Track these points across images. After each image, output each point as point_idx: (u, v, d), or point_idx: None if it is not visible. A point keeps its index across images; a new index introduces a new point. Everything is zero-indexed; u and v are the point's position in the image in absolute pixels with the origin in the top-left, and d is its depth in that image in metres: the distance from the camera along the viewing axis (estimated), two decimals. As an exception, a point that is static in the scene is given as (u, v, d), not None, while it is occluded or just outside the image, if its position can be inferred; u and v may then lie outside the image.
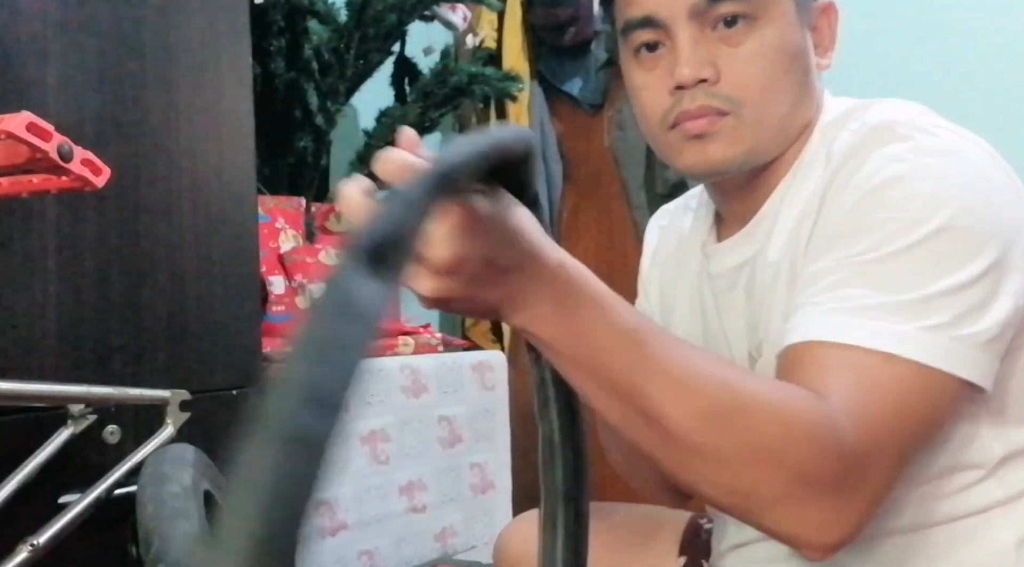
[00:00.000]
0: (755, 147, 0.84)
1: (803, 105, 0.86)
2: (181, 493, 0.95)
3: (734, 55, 0.83)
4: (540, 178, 2.78)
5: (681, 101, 0.83)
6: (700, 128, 0.83)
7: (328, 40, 2.09)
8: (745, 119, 0.83)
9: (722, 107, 0.83)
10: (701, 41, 0.83)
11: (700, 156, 0.85)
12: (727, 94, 0.83)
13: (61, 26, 1.35)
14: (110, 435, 1.31)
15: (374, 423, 1.78)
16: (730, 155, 0.84)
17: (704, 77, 0.82)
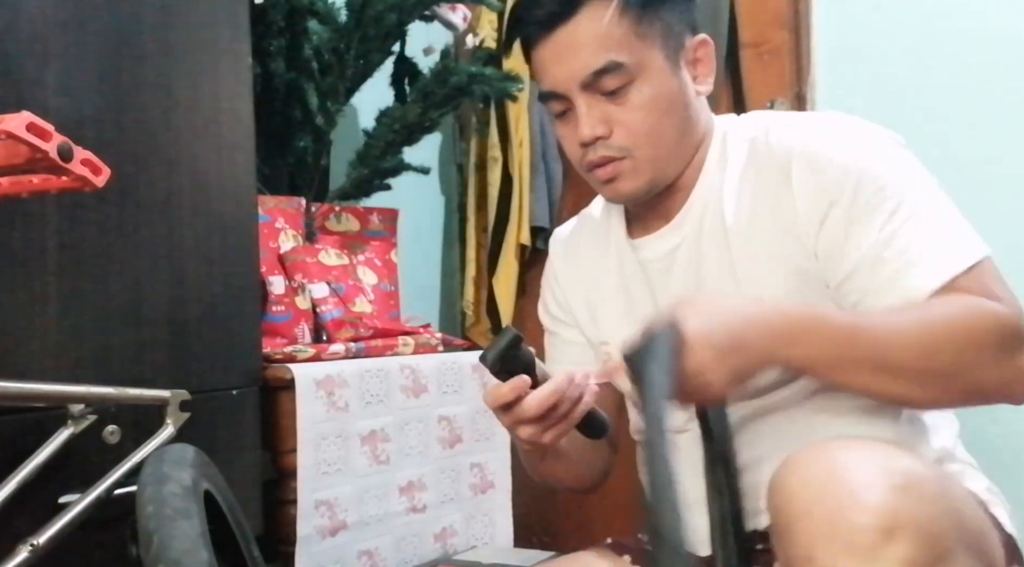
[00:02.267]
0: (654, 176, 1.08)
1: (689, 132, 1.09)
2: (181, 493, 0.95)
3: (621, 112, 1.05)
4: (540, 178, 2.79)
5: (587, 154, 1.08)
6: (607, 174, 1.08)
7: (328, 40, 2.09)
8: (640, 159, 1.06)
9: (617, 155, 1.06)
10: (594, 105, 1.05)
11: (614, 192, 1.10)
12: (620, 145, 1.06)
13: (61, 26, 1.35)
14: (110, 435, 1.31)
15: (374, 423, 1.78)
16: (635, 187, 1.08)
17: (599, 134, 1.06)
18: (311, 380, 1.67)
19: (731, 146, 1.10)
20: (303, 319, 1.86)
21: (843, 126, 1.05)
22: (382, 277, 2.13)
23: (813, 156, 1.01)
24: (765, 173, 1.05)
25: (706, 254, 1.08)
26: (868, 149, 1.01)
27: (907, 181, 0.99)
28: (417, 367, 1.87)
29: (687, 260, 1.10)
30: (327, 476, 1.68)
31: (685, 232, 1.11)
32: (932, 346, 0.91)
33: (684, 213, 1.11)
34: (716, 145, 1.11)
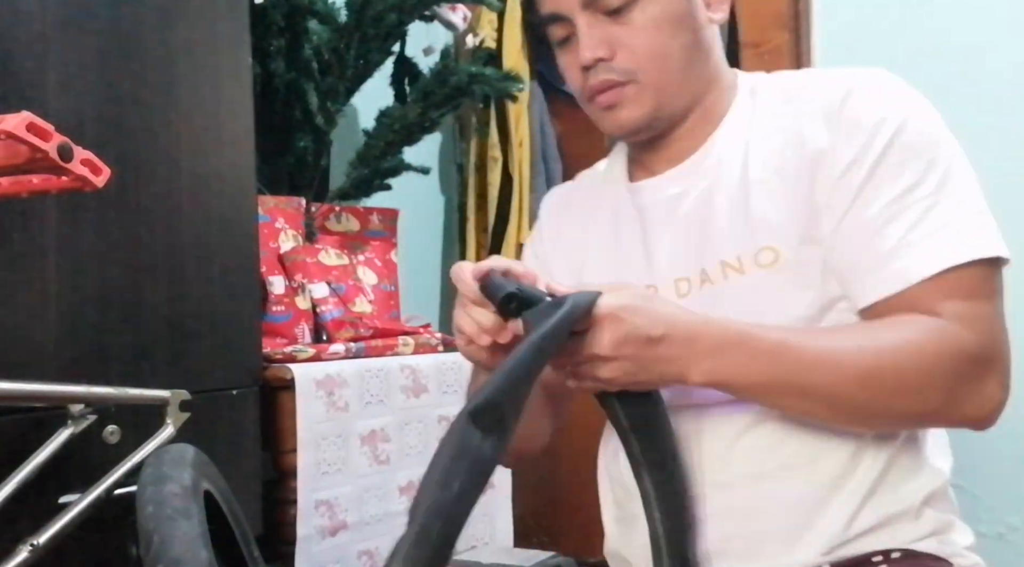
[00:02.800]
0: (659, 104, 1.00)
1: (698, 61, 1.01)
2: (181, 493, 0.95)
3: (624, 31, 0.98)
4: (541, 179, 2.79)
5: (588, 78, 1.01)
6: (608, 100, 1.01)
7: (328, 40, 2.09)
8: (644, 83, 0.99)
9: (620, 78, 0.99)
10: (595, 26, 0.98)
11: (614, 122, 1.02)
12: (623, 67, 0.99)
13: (61, 26, 1.35)
14: (110, 435, 1.31)
15: (374, 423, 1.78)
16: (638, 115, 1.01)
17: (600, 56, 0.99)
18: (311, 380, 1.67)
19: (762, 98, 1.02)
20: (303, 319, 1.86)
21: (894, 85, 0.97)
22: (382, 277, 2.13)
23: (856, 107, 0.94)
24: (800, 114, 0.97)
25: (718, 205, 0.99)
26: (914, 115, 0.93)
27: (938, 161, 0.92)
28: (417, 367, 1.87)
29: (693, 208, 1.01)
30: (327, 476, 1.68)
31: (696, 180, 1.02)
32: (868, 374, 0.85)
33: (698, 159, 1.02)
34: (743, 96, 1.03)
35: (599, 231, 1.10)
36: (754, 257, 0.95)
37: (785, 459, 0.93)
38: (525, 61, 2.77)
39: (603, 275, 1.05)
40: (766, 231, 0.95)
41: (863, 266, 0.91)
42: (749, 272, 0.95)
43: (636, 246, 1.05)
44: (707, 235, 0.98)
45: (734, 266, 0.96)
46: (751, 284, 0.94)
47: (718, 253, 0.97)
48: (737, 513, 0.94)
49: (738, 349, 0.85)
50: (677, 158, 1.04)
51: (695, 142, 1.03)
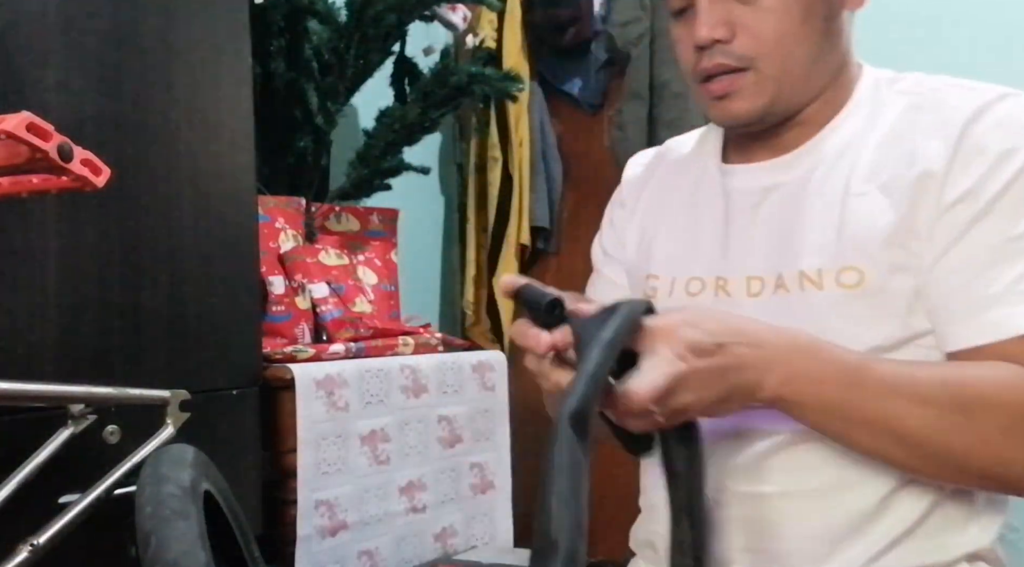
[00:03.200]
0: (777, 98, 0.91)
1: (826, 53, 0.91)
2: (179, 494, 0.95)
3: (748, 13, 0.88)
4: (540, 178, 2.79)
5: (701, 59, 0.91)
6: (722, 89, 0.91)
7: (328, 40, 2.09)
8: (764, 73, 0.89)
9: (737, 64, 0.89)
10: (717, 2, 0.89)
11: (724, 112, 0.93)
12: (741, 52, 0.89)
13: (61, 26, 1.35)
14: (110, 435, 1.31)
15: (374, 423, 1.78)
16: (752, 108, 0.91)
17: (717, 37, 0.89)
18: (311, 380, 1.67)
19: (883, 100, 0.92)
20: (303, 319, 1.86)
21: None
22: (382, 277, 2.13)
23: (982, 133, 0.84)
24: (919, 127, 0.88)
25: (811, 209, 0.90)
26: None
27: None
28: (417, 367, 1.87)
29: (784, 206, 0.92)
30: (327, 476, 1.68)
31: (794, 175, 0.93)
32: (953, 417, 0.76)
33: (801, 154, 0.93)
34: (864, 94, 0.93)
35: (676, 206, 1.02)
36: (836, 275, 0.87)
37: (816, 484, 0.87)
38: (525, 61, 2.77)
39: (672, 255, 1.00)
40: (855, 250, 0.86)
41: (960, 309, 0.83)
42: (828, 289, 0.87)
43: (714, 232, 0.96)
44: (792, 239, 0.90)
45: (813, 279, 0.88)
46: (827, 303, 0.87)
47: (799, 261, 0.89)
48: (755, 528, 0.89)
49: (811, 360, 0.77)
50: (779, 149, 0.95)
51: (803, 135, 0.94)
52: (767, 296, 0.90)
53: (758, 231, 0.93)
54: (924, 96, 0.91)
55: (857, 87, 0.94)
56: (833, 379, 0.77)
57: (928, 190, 0.85)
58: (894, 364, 0.81)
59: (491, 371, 2.03)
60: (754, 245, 0.93)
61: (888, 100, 0.92)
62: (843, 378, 0.77)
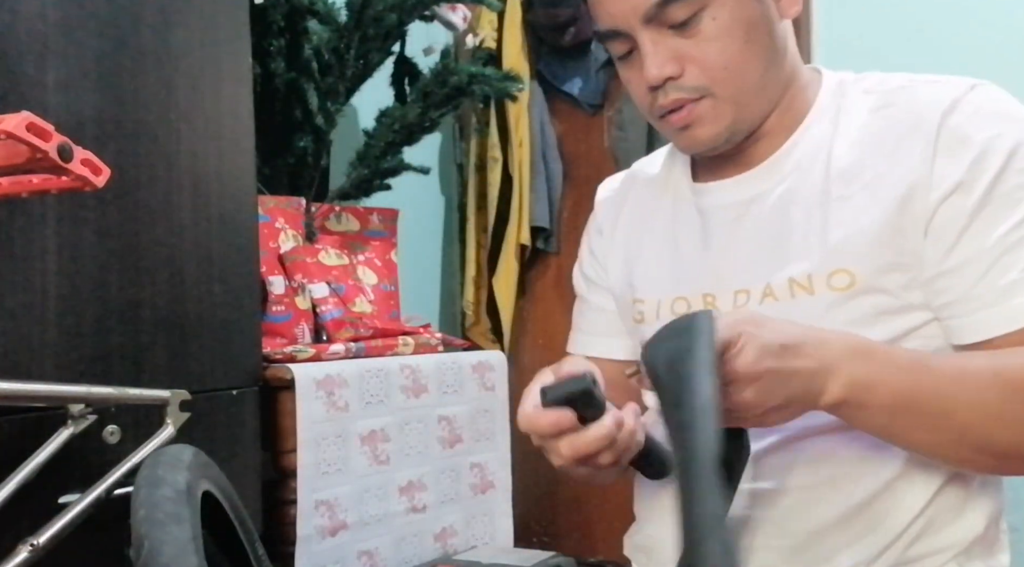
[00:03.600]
0: (737, 119, 0.92)
1: (775, 63, 0.92)
2: (174, 497, 0.95)
3: (692, 45, 0.89)
4: (540, 178, 2.79)
5: (657, 98, 0.92)
6: (682, 120, 0.92)
7: (328, 40, 2.09)
8: (720, 97, 0.91)
9: (692, 96, 0.91)
10: (660, 41, 0.90)
11: (690, 141, 0.94)
12: (694, 85, 0.90)
13: (61, 26, 1.35)
14: (110, 435, 1.31)
15: (374, 423, 1.78)
16: (716, 133, 0.92)
17: (668, 75, 0.90)
18: (311, 380, 1.67)
19: (849, 101, 0.93)
20: (303, 319, 1.86)
21: (1003, 98, 0.88)
22: (382, 277, 2.13)
23: (961, 124, 0.85)
24: (895, 126, 0.88)
25: (793, 216, 0.91)
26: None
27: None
28: (417, 367, 1.87)
29: (765, 217, 0.93)
30: (327, 476, 1.68)
31: (770, 185, 0.94)
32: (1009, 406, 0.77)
33: (773, 164, 0.94)
34: (827, 97, 0.95)
35: (657, 229, 1.04)
36: (827, 279, 0.87)
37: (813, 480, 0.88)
38: (525, 61, 2.77)
39: (655, 277, 1.01)
40: (844, 252, 0.87)
41: (977, 300, 0.83)
42: (819, 293, 0.88)
43: (694, 251, 0.98)
44: (777, 248, 0.91)
45: (804, 285, 0.89)
46: (821, 306, 0.87)
47: (787, 269, 0.90)
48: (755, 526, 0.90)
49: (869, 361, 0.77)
50: (749, 162, 0.96)
51: (770, 146, 0.95)
52: (754, 306, 0.91)
53: (740, 245, 0.94)
54: (894, 94, 0.92)
55: (819, 91, 0.96)
56: (892, 380, 0.77)
57: (915, 191, 0.85)
58: (946, 359, 0.82)
59: (491, 371, 2.03)
60: (737, 259, 0.94)
61: (853, 99, 0.94)
62: (901, 378, 0.78)
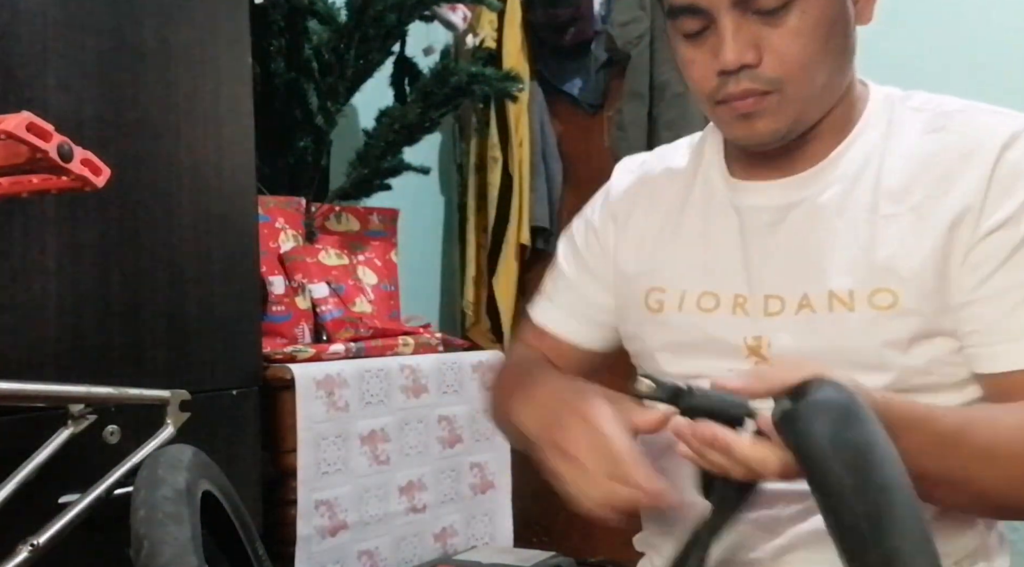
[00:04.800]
0: (799, 118, 0.89)
1: (843, 69, 0.90)
2: (173, 497, 0.95)
3: (776, 35, 0.86)
4: (540, 178, 2.79)
5: (727, 84, 0.87)
6: (747, 108, 0.88)
7: (328, 40, 2.09)
8: (789, 95, 0.87)
9: (765, 88, 0.87)
10: (743, 25, 0.85)
11: (748, 131, 0.90)
12: (769, 76, 0.86)
13: (61, 26, 1.35)
14: (110, 435, 1.31)
15: (374, 423, 1.78)
16: (776, 128, 0.89)
17: (746, 62, 0.86)
18: (311, 380, 1.67)
19: (900, 118, 0.92)
20: (303, 319, 1.86)
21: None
22: (382, 277, 2.13)
23: (1020, 159, 0.84)
24: (949, 150, 0.87)
25: (838, 229, 0.90)
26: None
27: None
28: (417, 367, 1.87)
29: (806, 225, 0.91)
30: (327, 476, 1.68)
31: (814, 193, 0.92)
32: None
33: (819, 172, 0.92)
34: (877, 107, 0.93)
35: (686, 221, 1.00)
36: (869, 296, 0.86)
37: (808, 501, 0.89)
38: (525, 61, 2.77)
39: (682, 268, 0.98)
40: (888, 272, 0.86)
41: (1001, 333, 0.84)
42: (860, 311, 0.86)
43: (730, 249, 0.95)
44: (819, 259, 0.89)
45: (844, 300, 0.87)
46: (860, 324, 0.86)
47: (828, 282, 0.88)
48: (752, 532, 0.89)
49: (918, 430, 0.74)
50: (791, 167, 0.94)
51: (815, 153, 0.93)
52: (789, 315, 0.89)
53: (777, 250, 0.92)
54: (950, 117, 0.90)
55: (868, 103, 0.94)
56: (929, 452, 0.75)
57: (964, 220, 0.85)
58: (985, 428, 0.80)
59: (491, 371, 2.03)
60: (774, 264, 0.92)
61: (903, 117, 0.92)
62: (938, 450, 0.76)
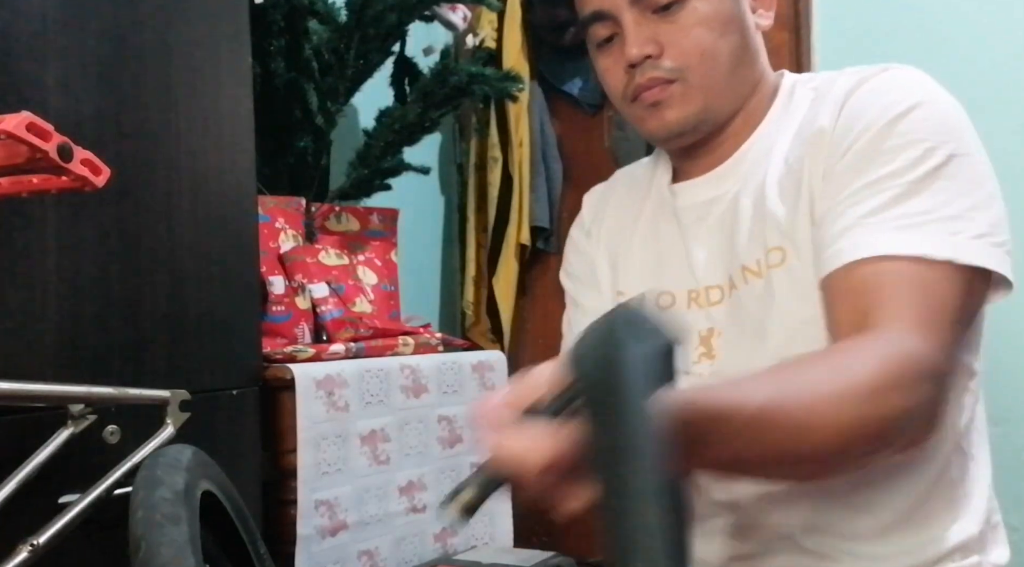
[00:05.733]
0: (706, 106, 0.97)
1: (745, 64, 0.98)
2: (171, 498, 0.95)
3: (673, 30, 0.95)
4: (541, 179, 2.79)
5: (634, 77, 0.97)
6: (654, 97, 0.97)
7: (328, 40, 2.09)
8: (691, 83, 0.96)
9: (667, 76, 0.96)
10: (643, 23, 0.95)
11: (659, 121, 0.98)
12: (670, 65, 0.95)
13: (61, 26, 1.35)
14: (110, 435, 1.31)
15: (374, 423, 1.78)
16: (684, 115, 0.97)
17: (648, 53, 0.95)
18: (311, 380, 1.67)
19: (796, 98, 0.99)
20: (303, 319, 1.86)
21: (913, 75, 0.91)
22: (382, 277, 2.13)
23: (861, 97, 0.90)
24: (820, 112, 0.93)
25: (742, 210, 0.96)
26: (926, 103, 0.87)
27: (938, 151, 0.84)
28: (417, 367, 1.87)
29: (723, 214, 0.98)
30: (327, 476, 1.68)
31: (728, 185, 0.99)
32: (862, 426, 0.72)
33: (731, 164, 1.00)
34: (782, 97, 1.01)
35: (640, 227, 1.08)
36: (766, 258, 0.92)
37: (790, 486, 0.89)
38: (525, 61, 2.77)
39: (640, 272, 1.05)
40: (775, 229, 0.92)
41: (822, 243, 0.87)
42: (763, 275, 0.92)
43: (676, 249, 1.02)
44: (733, 242, 0.96)
45: (753, 270, 0.93)
46: (766, 288, 0.91)
47: (741, 259, 0.94)
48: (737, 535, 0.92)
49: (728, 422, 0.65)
50: (714, 163, 1.01)
51: (731, 148, 1.00)
52: (725, 300, 0.96)
53: (708, 242, 0.99)
54: (826, 85, 0.96)
55: (776, 97, 1.01)
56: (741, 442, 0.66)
57: (820, 150, 0.90)
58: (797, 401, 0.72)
59: (491, 371, 2.03)
60: (709, 256, 0.98)
61: (800, 97, 0.99)
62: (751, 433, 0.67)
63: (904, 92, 0.88)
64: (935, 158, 0.84)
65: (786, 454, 0.71)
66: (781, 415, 0.69)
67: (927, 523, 0.89)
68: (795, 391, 0.73)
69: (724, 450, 0.65)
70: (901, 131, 0.86)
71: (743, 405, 0.68)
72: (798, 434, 0.70)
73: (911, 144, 0.85)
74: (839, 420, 0.71)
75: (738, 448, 0.66)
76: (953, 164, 0.85)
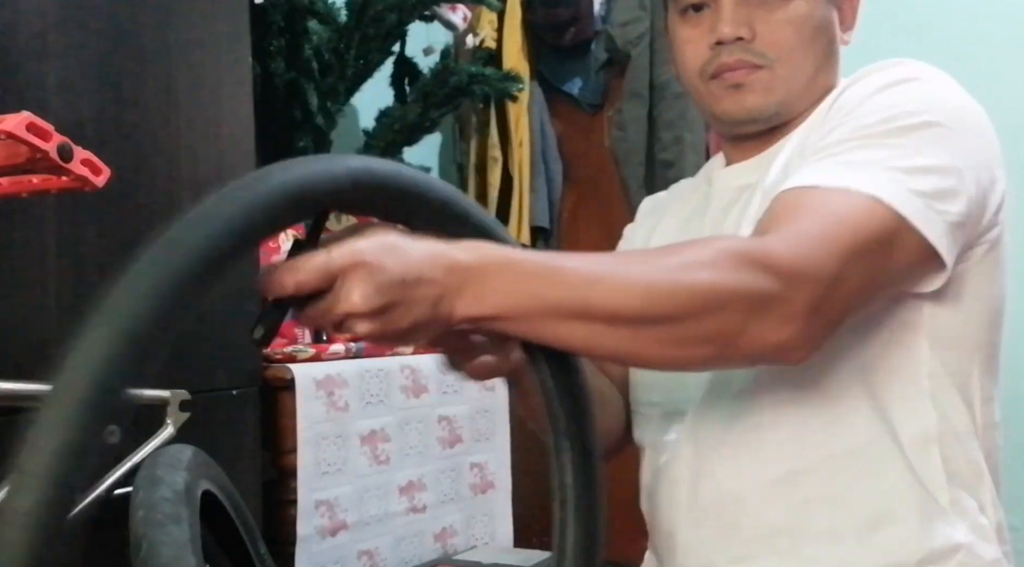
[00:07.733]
0: (785, 100, 0.96)
1: (825, 70, 0.98)
2: (172, 498, 0.95)
3: (769, 19, 0.94)
4: (541, 179, 2.79)
5: (720, 55, 0.95)
6: (738, 78, 0.95)
7: (328, 40, 2.09)
8: (777, 73, 0.95)
9: (756, 61, 0.95)
10: (741, 4, 0.94)
11: (737, 104, 0.97)
12: (761, 51, 0.94)
13: (61, 26, 1.35)
14: (110, 435, 1.31)
15: (374, 423, 1.78)
16: (764, 103, 0.96)
17: (741, 35, 0.94)
18: (311, 380, 1.67)
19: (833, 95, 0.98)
20: (303, 319, 1.86)
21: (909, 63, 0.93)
22: (382, 277, 2.13)
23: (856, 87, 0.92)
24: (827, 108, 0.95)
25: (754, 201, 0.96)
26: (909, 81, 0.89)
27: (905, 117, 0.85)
28: (417, 367, 1.87)
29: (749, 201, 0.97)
30: (327, 476, 1.68)
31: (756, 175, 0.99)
32: (655, 287, 0.72)
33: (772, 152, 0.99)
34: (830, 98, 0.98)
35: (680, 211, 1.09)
36: None
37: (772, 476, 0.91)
38: (525, 61, 2.77)
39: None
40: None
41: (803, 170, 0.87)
42: None
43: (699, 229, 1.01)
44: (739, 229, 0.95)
45: None
46: None
47: None
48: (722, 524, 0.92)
49: (503, 273, 0.69)
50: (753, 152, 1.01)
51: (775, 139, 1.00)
52: None
53: (718, 229, 0.99)
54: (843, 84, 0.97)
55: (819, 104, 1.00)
56: (530, 282, 0.69)
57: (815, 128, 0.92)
58: (599, 257, 0.75)
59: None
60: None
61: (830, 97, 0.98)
62: (539, 279, 0.70)
63: (903, 71, 0.90)
64: (909, 119, 0.85)
65: (581, 307, 0.70)
66: (572, 268, 0.71)
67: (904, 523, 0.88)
68: (608, 258, 0.76)
69: (510, 292, 0.67)
70: (885, 97, 0.88)
71: (536, 256, 0.72)
72: (589, 287, 0.70)
73: (890, 106, 0.86)
74: (631, 279, 0.72)
75: (525, 291, 0.68)
76: (929, 130, 0.85)
